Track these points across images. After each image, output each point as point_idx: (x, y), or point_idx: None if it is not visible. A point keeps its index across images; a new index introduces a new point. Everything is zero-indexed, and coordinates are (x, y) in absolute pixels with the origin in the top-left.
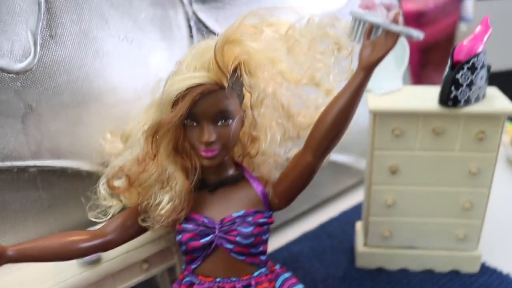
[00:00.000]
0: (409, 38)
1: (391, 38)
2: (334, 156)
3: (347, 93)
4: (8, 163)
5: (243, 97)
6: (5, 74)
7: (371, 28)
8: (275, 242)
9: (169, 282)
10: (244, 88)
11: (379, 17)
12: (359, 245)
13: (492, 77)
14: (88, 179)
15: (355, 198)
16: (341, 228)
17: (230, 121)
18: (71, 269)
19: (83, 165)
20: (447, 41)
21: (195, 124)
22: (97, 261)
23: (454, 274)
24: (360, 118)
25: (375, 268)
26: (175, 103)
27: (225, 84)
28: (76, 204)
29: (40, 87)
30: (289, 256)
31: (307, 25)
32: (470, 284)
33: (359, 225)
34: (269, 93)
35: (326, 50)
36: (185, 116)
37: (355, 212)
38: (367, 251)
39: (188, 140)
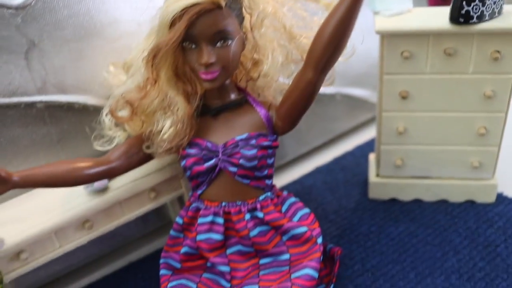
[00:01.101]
0: None
1: None
2: (349, 90)
3: (344, 4)
4: (15, 99)
5: (243, 19)
6: (5, 10)
7: None
8: (288, 176)
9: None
10: (244, 9)
11: None
12: (372, 176)
13: None
14: (95, 113)
15: (371, 132)
16: (355, 162)
17: (230, 41)
18: (80, 197)
19: (89, 100)
20: None
21: (193, 46)
22: (104, 190)
23: (469, 204)
24: (374, 50)
25: (388, 199)
26: (172, 25)
27: (222, 3)
28: (85, 138)
29: (41, 22)
30: (301, 189)
31: None
32: (485, 214)
33: (372, 157)
34: (269, 13)
35: None
36: (182, 37)
37: (369, 146)
38: (380, 182)
39: (188, 63)
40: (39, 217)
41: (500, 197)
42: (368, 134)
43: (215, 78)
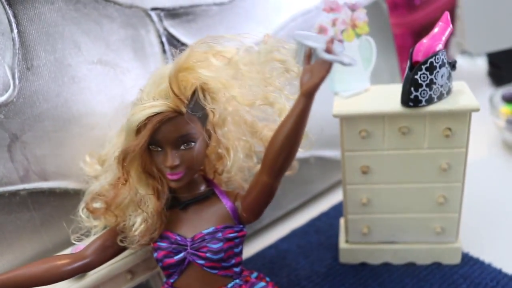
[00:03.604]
0: (343, 65)
1: (325, 64)
2: (322, 152)
3: (291, 118)
4: None
5: (207, 117)
6: None
7: (310, 53)
8: (264, 240)
9: (161, 285)
10: (207, 108)
11: (319, 41)
12: (342, 241)
13: None
14: (75, 196)
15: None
16: (329, 223)
17: (193, 144)
18: (59, 284)
19: (70, 184)
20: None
21: (159, 149)
22: (82, 276)
23: (436, 266)
24: None
25: (358, 263)
26: (138, 131)
27: (183, 110)
28: (67, 221)
29: (22, 117)
30: (276, 254)
31: (253, 51)
32: (450, 276)
33: (342, 222)
34: (230, 111)
35: (274, 72)
36: (147, 143)
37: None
38: (349, 248)
39: (155, 164)
40: None
41: (466, 257)
42: (342, 194)
43: (180, 178)
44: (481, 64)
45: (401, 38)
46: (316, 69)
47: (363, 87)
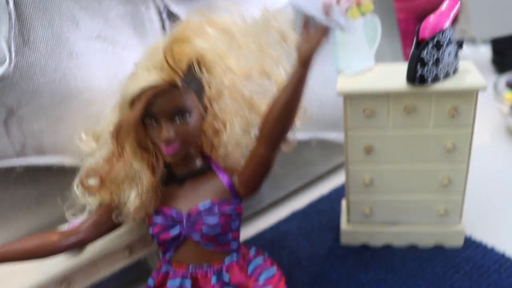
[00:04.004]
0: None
1: (321, 30)
2: (324, 134)
3: (288, 88)
4: None
5: (202, 90)
6: None
7: (307, 21)
8: (265, 222)
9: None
10: (203, 82)
11: (317, 8)
12: (343, 223)
13: None
14: (71, 173)
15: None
16: (330, 206)
17: (188, 117)
18: (56, 258)
19: (66, 161)
20: None
21: (154, 122)
22: (80, 251)
23: (438, 248)
24: None
25: (360, 245)
26: (132, 103)
27: (179, 83)
28: (63, 198)
29: (19, 91)
30: (277, 235)
31: (250, 21)
32: (453, 258)
33: (344, 203)
34: (227, 85)
35: (272, 42)
36: (141, 116)
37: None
38: (350, 229)
39: (150, 138)
40: (18, 278)
41: (469, 241)
42: (343, 176)
43: (176, 152)
44: (485, 52)
45: (404, 23)
46: (313, 36)
47: (368, 65)
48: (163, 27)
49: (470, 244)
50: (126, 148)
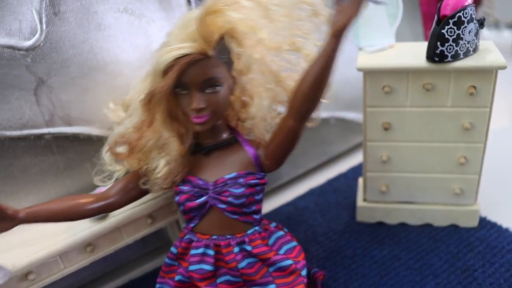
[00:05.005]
0: (375, 3)
1: (355, 3)
2: (342, 113)
3: (320, 60)
4: (25, 132)
5: (232, 64)
6: (16, 51)
7: None
8: (282, 198)
9: (178, 233)
10: (232, 55)
11: None
12: (359, 200)
13: None
14: (98, 142)
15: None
16: (347, 184)
17: (218, 88)
18: (82, 224)
19: (93, 131)
20: None
21: (185, 92)
22: (104, 217)
23: (453, 228)
24: None
25: (375, 222)
26: (165, 72)
27: (210, 53)
28: (89, 166)
29: (49, 61)
30: (294, 211)
31: None
32: (467, 238)
33: (360, 181)
34: (256, 59)
35: (303, 16)
36: (173, 85)
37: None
38: (366, 206)
39: (180, 107)
40: (46, 241)
41: (484, 222)
42: (361, 156)
43: (205, 122)
44: (508, 36)
45: (426, 4)
46: (346, 9)
47: (388, 43)
48: (188, 1)
49: (485, 224)
50: (157, 116)
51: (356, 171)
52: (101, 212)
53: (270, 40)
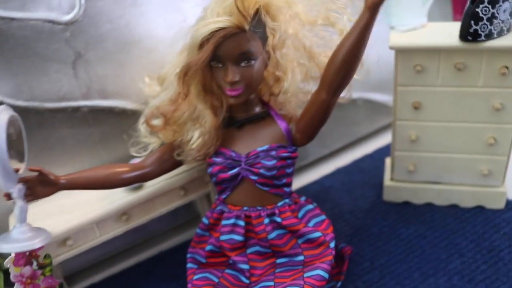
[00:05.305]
0: None
1: None
2: (370, 95)
3: (354, 33)
4: (63, 104)
5: (267, 38)
6: (56, 26)
7: None
8: (309, 177)
9: (208, 208)
10: (266, 30)
11: None
12: (387, 179)
13: None
14: (132, 116)
15: (390, 136)
16: (374, 165)
17: (253, 61)
18: (118, 193)
19: (128, 104)
20: None
21: (220, 65)
22: (139, 187)
23: (479, 209)
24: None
25: (401, 202)
26: (201, 46)
27: (246, 27)
28: (123, 139)
29: (86, 36)
30: (320, 189)
31: None
32: (493, 219)
33: (388, 161)
34: (290, 34)
35: None
36: (210, 57)
37: (388, 149)
38: (393, 185)
39: (215, 80)
40: (83, 209)
41: (510, 204)
42: (387, 137)
43: (239, 95)
44: None
45: None
46: None
47: (420, 22)
48: None
49: (511, 207)
50: (192, 89)
51: (382, 152)
52: (137, 181)
53: (305, 14)
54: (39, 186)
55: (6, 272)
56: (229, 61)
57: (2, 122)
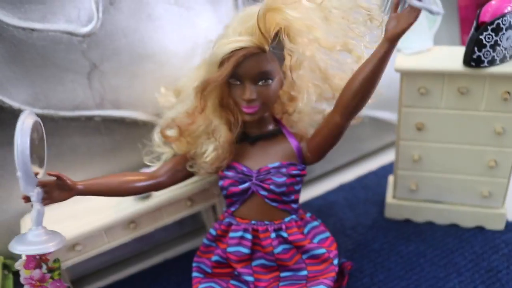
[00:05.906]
0: (431, 13)
1: (414, 12)
2: (376, 113)
3: (372, 61)
4: (77, 113)
5: (284, 60)
6: (74, 37)
7: (398, 1)
8: (313, 191)
9: (213, 219)
10: (284, 51)
11: None
12: (389, 197)
13: None
14: (143, 127)
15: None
16: (377, 182)
17: (270, 81)
18: (127, 202)
19: (139, 115)
20: None
21: (238, 83)
22: (148, 196)
23: (479, 229)
24: None
25: (403, 220)
26: (221, 63)
27: (266, 48)
28: (133, 148)
29: (102, 48)
30: (324, 204)
31: None
32: (492, 240)
33: (391, 179)
34: (307, 56)
35: (358, 20)
36: (229, 75)
37: (392, 167)
38: (395, 203)
39: (232, 97)
40: (93, 216)
41: (510, 225)
42: (392, 155)
43: (255, 112)
44: None
45: (465, 10)
46: (403, 16)
47: (426, 46)
48: None
49: (511, 228)
50: (209, 104)
51: (386, 170)
52: (150, 190)
53: (324, 40)
54: (57, 191)
55: (16, 274)
56: (247, 79)
57: (27, 127)
